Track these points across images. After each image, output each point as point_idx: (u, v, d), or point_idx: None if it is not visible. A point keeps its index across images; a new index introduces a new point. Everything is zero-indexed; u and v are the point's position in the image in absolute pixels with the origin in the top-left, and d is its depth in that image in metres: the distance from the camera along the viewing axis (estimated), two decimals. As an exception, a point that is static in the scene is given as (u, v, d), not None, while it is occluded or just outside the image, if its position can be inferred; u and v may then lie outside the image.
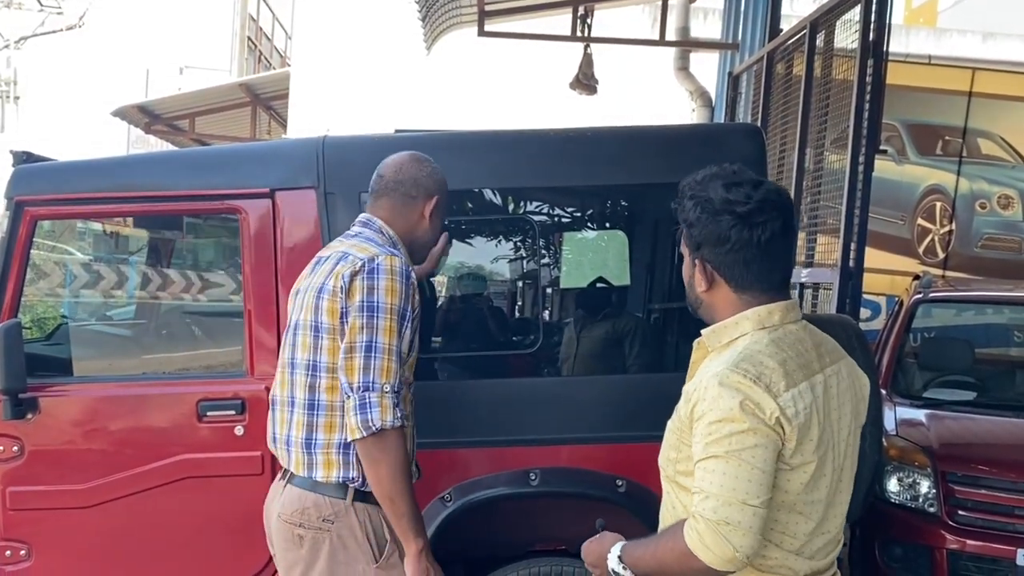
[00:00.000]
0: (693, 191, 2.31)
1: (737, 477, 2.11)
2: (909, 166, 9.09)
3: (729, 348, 2.27)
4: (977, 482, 5.01)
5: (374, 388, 2.76)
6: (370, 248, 2.89)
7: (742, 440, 2.12)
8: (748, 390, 2.14)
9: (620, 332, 4.22)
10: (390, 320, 2.79)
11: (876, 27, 5.15)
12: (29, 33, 24.98)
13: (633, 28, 12.07)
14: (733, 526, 2.10)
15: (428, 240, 3.13)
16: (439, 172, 3.10)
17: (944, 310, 7.13)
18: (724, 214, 2.24)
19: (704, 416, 2.17)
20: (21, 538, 3.86)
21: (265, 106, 15.52)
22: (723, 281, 2.29)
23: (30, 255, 3.92)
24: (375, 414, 2.75)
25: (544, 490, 3.82)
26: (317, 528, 2.87)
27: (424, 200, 3.04)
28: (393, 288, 2.81)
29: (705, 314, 2.38)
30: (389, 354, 2.78)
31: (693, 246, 2.31)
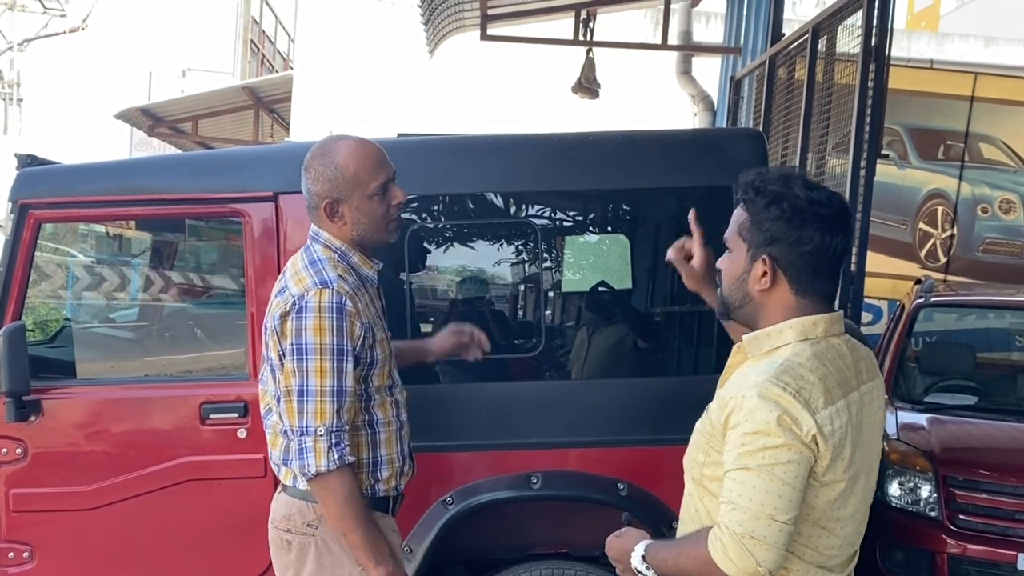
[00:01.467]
0: (771, 186, 2.25)
1: (767, 492, 2.10)
2: (911, 170, 9.09)
3: (768, 357, 2.24)
4: (978, 486, 5.02)
5: (307, 432, 2.75)
6: (305, 279, 2.82)
7: (776, 455, 2.10)
8: (787, 404, 2.12)
9: (622, 336, 4.22)
10: (320, 361, 2.74)
11: (878, 32, 5.16)
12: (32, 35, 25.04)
13: (635, 32, 12.08)
14: (758, 540, 2.09)
15: (367, 234, 2.92)
16: (327, 167, 2.87)
17: (945, 314, 7.13)
18: (809, 215, 2.21)
19: (739, 426, 2.14)
20: (24, 540, 3.87)
21: (268, 109, 15.52)
22: (785, 282, 2.25)
23: (34, 258, 3.93)
24: (310, 460, 2.75)
25: (545, 494, 3.82)
26: (303, 533, 2.91)
27: (319, 208, 2.90)
28: (321, 327, 2.74)
29: (748, 314, 2.32)
30: (321, 396, 2.75)
31: (762, 241, 2.24)
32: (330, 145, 2.93)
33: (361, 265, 2.95)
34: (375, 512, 2.92)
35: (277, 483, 3.08)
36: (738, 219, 2.29)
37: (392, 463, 2.98)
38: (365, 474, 2.93)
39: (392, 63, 12.87)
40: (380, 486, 2.96)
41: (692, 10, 10.70)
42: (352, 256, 2.93)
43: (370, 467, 2.94)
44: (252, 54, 24.74)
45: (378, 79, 13.05)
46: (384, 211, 2.91)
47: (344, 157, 2.87)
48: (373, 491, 2.95)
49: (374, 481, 2.95)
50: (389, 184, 2.92)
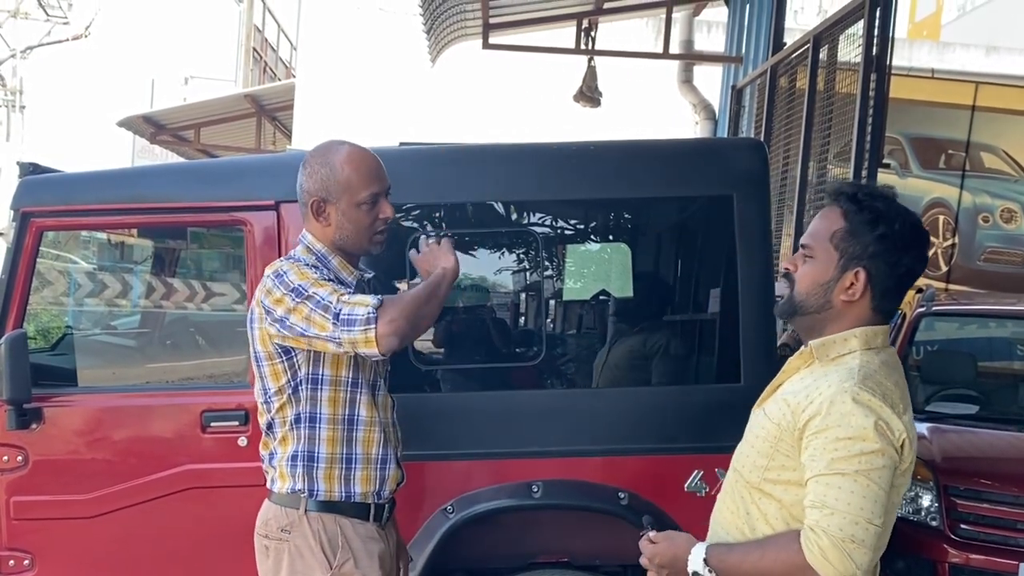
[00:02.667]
0: (877, 203, 2.30)
1: (865, 496, 2.15)
2: (912, 179, 9.10)
3: (836, 363, 2.29)
4: (979, 496, 5.01)
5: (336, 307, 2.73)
6: (276, 262, 2.93)
7: (872, 460, 2.16)
8: (880, 410, 2.18)
9: (628, 346, 4.22)
10: (313, 285, 2.77)
11: (879, 41, 5.17)
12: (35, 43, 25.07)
13: (637, 41, 12.09)
14: (858, 544, 2.14)
15: (349, 239, 2.94)
16: (323, 167, 2.91)
17: (947, 323, 7.13)
18: (911, 241, 2.29)
19: (828, 431, 2.18)
20: (25, 548, 3.87)
21: (270, 117, 15.54)
22: (869, 297, 2.30)
23: (36, 265, 3.94)
24: (359, 313, 2.72)
25: (546, 502, 3.82)
26: (278, 539, 2.91)
27: (307, 205, 2.93)
28: (301, 272, 2.80)
29: (819, 320, 2.34)
30: (332, 292, 2.76)
31: (859, 254, 2.27)
32: (331, 147, 2.96)
33: (340, 269, 2.95)
34: (351, 519, 2.92)
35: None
36: (832, 227, 2.31)
37: (369, 464, 2.94)
38: (337, 472, 2.90)
39: (394, 72, 12.89)
40: (356, 488, 2.92)
41: (694, 19, 10.72)
42: (332, 260, 2.94)
43: (342, 464, 2.90)
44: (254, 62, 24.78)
45: (380, 87, 13.06)
46: (370, 222, 2.92)
47: (340, 160, 2.90)
48: (348, 495, 2.91)
49: (346, 482, 2.90)
50: (380, 197, 2.93)
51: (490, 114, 12.14)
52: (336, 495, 2.89)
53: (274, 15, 27.38)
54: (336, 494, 2.89)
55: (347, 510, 2.91)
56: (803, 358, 2.37)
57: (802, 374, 2.34)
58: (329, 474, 2.89)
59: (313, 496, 2.88)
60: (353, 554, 2.90)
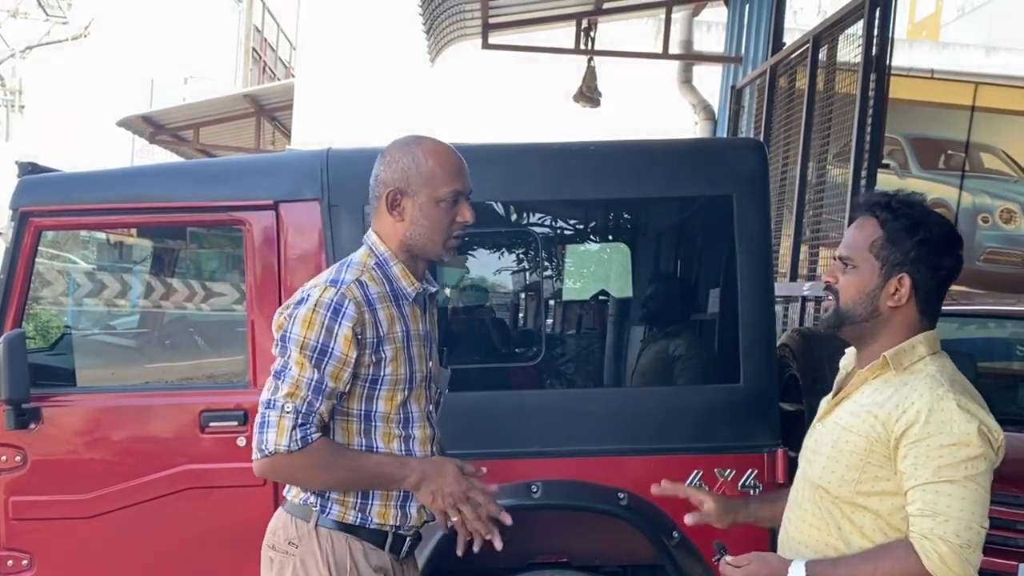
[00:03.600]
0: (911, 210, 2.35)
1: (975, 501, 2.21)
2: (912, 180, 9.10)
3: (910, 371, 2.32)
4: (979, 496, 5.00)
5: (273, 406, 2.53)
6: (322, 277, 2.68)
7: (977, 465, 2.22)
8: (980, 414, 2.25)
9: (627, 346, 4.22)
10: (300, 354, 2.53)
11: (879, 41, 5.17)
12: (34, 43, 25.06)
13: (636, 41, 12.08)
14: (974, 548, 2.20)
15: (420, 240, 2.69)
16: (404, 156, 2.67)
17: (946, 324, 7.10)
18: (949, 244, 2.36)
19: (930, 438, 2.21)
20: (23, 548, 3.87)
21: (269, 117, 15.54)
22: (915, 301, 2.35)
23: (34, 265, 3.94)
24: (269, 435, 2.52)
25: (546, 502, 3.82)
26: (284, 552, 2.69)
27: (383, 197, 2.68)
28: (311, 321, 2.54)
29: (866, 328, 2.38)
30: (298, 381, 2.52)
31: (901, 260, 2.33)
32: (414, 138, 2.74)
33: (400, 278, 2.69)
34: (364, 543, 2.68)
35: (277, 492, 3.06)
36: (870, 236, 2.36)
37: (388, 496, 2.69)
38: (351, 500, 2.67)
39: (393, 71, 12.88)
40: (373, 517, 2.69)
41: (693, 19, 10.70)
42: (393, 267, 2.69)
43: (357, 495, 2.67)
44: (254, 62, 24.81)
45: (379, 87, 13.06)
46: (448, 223, 2.68)
47: (425, 151, 2.68)
48: (364, 520, 2.67)
49: (362, 510, 2.67)
50: (461, 197, 2.69)
51: (489, 114, 12.14)
52: (350, 518, 2.67)
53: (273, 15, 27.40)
54: (350, 517, 2.67)
55: (361, 533, 2.68)
56: (872, 370, 2.37)
57: (875, 385, 2.35)
58: (343, 499, 2.66)
59: (326, 512, 2.65)
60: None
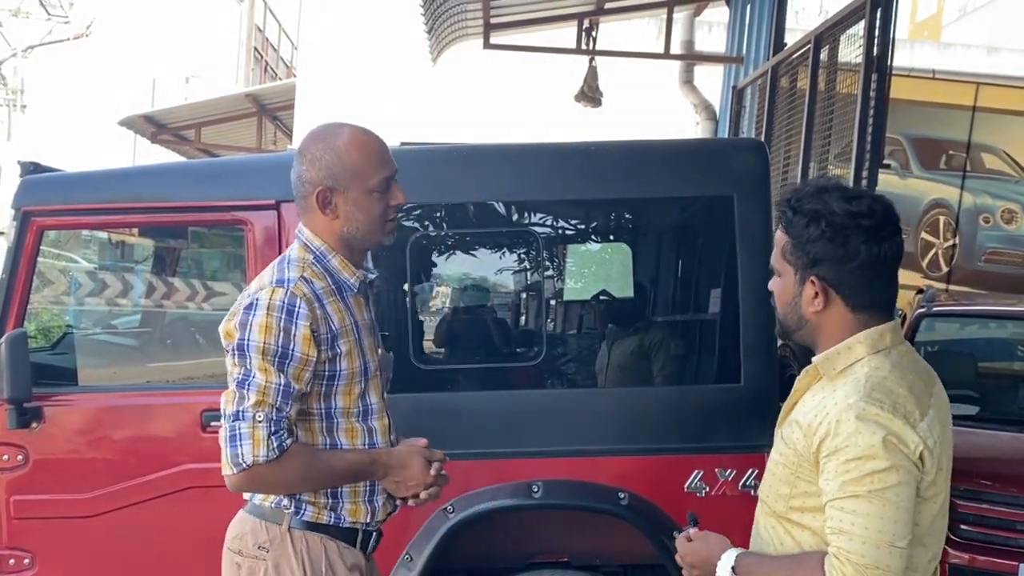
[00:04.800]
0: (807, 205, 2.17)
1: (882, 518, 2.03)
2: (913, 180, 9.10)
3: (845, 376, 2.16)
4: (979, 496, 5.00)
5: (244, 417, 2.46)
6: (265, 277, 2.60)
7: (884, 479, 2.03)
8: (888, 423, 2.05)
9: (628, 346, 4.22)
10: (262, 359, 2.47)
11: (880, 41, 5.17)
12: (36, 42, 25.09)
13: (638, 41, 12.08)
14: (883, 570, 2.02)
15: (359, 232, 2.62)
16: (327, 153, 2.58)
17: (947, 324, 7.13)
18: (851, 229, 2.14)
19: (838, 452, 2.06)
20: (25, 547, 3.88)
21: (271, 116, 15.55)
22: (839, 300, 2.17)
23: (36, 265, 3.94)
24: (245, 448, 2.46)
25: (547, 502, 3.83)
26: (253, 556, 2.64)
27: (312, 195, 2.59)
28: (267, 325, 2.48)
29: (807, 336, 2.25)
30: (265, 388, 2.47)
31: (807, 263, 2.16)
32: (332, 130, 2.64)
33: (341, 270, 2.64)
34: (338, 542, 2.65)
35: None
36: (780, 242, 2.22)
37: (356, 494, 2.67)
38: (323, 500, 2.64)
39: (395, 71, 12.88)
40: (344, 515, 2.66)
41: (695, 19, 10.71)
42: (332, 259, 2.63)
43: (328, 494, 2.64)
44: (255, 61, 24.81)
45: (381, 87, 13.06)
46: (382, 210, 2.63)
47: (347, 144, 2.59)
48: (337, 519, 2.65)
49: (333, 509, 2.65)
50: (391, 182, 2.64)
51: (491, 114, 12.13)
52: (324, 518, 2.64)
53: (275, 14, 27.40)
54: (324, 517, 2.64)
55: (334, 533, 2.65)
56: (810, 376, 2.25)
57: (812, 391, 2.22)
58: (315, 497, 2.63)
59: (300, 514, 2.62)
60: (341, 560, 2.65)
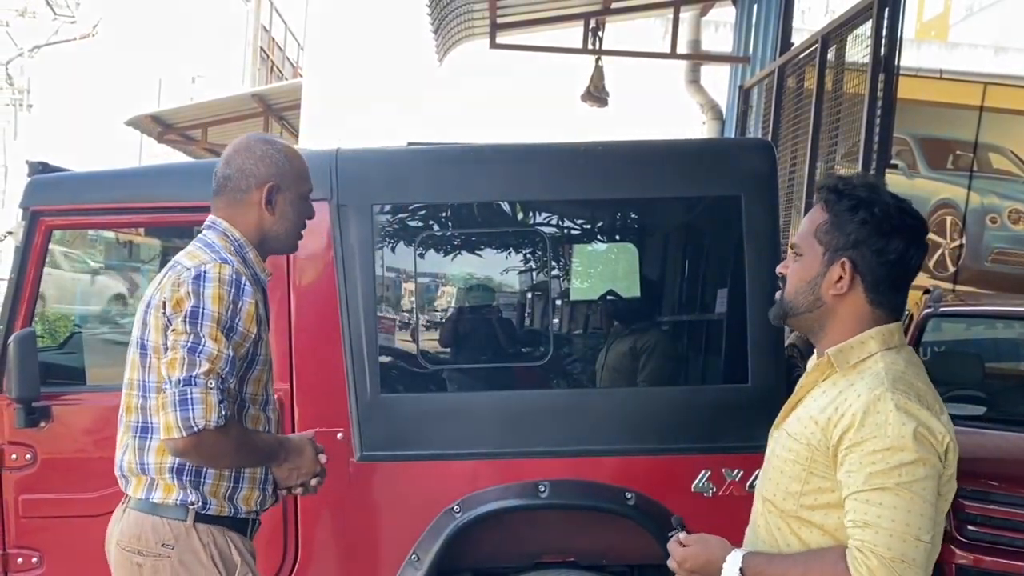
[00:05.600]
0: (858, 191, 2.18)
1: (909, 511, 2.02)
2: (920, 180, 9.09)
3: (859, 371, 2.16)
4: (987, 497, 5.00)
5: (196, 383, 2.49)
6: (200, 255, 2.66)
7: (913, 471, 2.03)
8: (918, 413, 2.05)
9: (635, 346, 4.22)
10: (215, 328, 2.54)
11: (887, 41, 5.16)
12: (43, 42, 25.12)
13: (644, 41, 12.08)
14: (908, 564, 2.00)
15: (283, 233, 2.80)
16: (276, 153, 2.76)
17: (954, 324, 7.12)
18: (898, 224, 2.15)
19: (864, 443, 2.04)
20: (33, 545, 3.89)
21: (277, 116, 15.57)
22: (861, 289, 2.17)
23: (45, 264, 3.95)
24: (197, 411, 2.48)
25: (553, 502, 3.83)
26: (156, 555, 2.65)
27: (256, 189, 2.73)
28: (220, 296, 2.56)
29: (815, 319, 2.23)
30: (216, 356, 2.53)
31: (843, 244, 2.16)
32: (269, 137, 2.88)
33: (255, 263, 2.78)
34: (238, 533, 2.75)
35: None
36: (815, 221, 2.21)
37: (254, 481, 2.77)
38: (224, 489, 2.70)
39: (401, 71, 12.89)
40: (240, 504, 2.74)
41: (701, 19, 10.70)
42: (249, 252, 2.76)
43: (231, 480, 2.71)
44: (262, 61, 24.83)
45: (387, 87, 13.07)
46: (303, 218, 2.85)
47: (290, 152, 2.81)
48: (234, 509, 2.73)
49: (231, 499, 2.72)
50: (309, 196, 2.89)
51: (497, 114, 12.14)
52: (226, 511, 2.71)
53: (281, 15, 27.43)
54: (226, 509, 2.71)
55: (230, 524, 2.73)
56: (820, 370, 2.22)
57: (823, 387, 2.20)
58: (216, 490, 2.69)
59: (205, 508, 2.68)
60: (249, 568, 2.74)
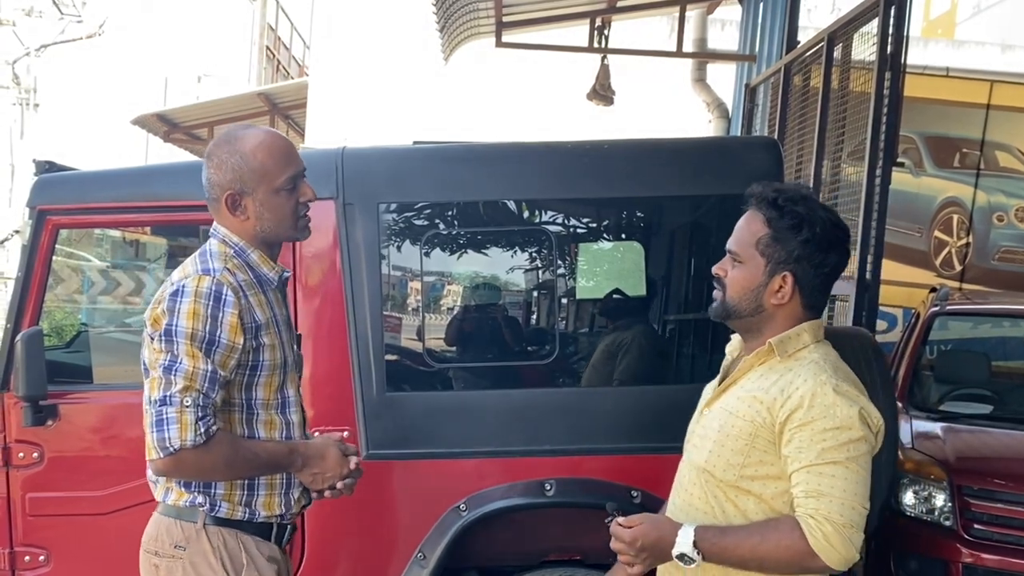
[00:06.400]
0: (796, 207, 2.37)
1: (857, 482, 2.25)
2: (926, 178, 9.07)
3: (796, 359, 2.37)
4: (993, 496, 4.99)
5: (171, 402, 2.47)
6: (188, 267, 2.62)
7: (858, 447, 2.26)
8: (857, 398, 2.29)
9: (641, 344, 4.22)
10: (190, 345, 2.48)
11: (894, 39, 5.14)
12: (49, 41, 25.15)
13: (650, 39, 12.06)
14: (855, 529, 2.23)
15: (272, 229, 2.68)
16: (231, 156, 2.62)
17: (961, 323, 7.11)
18: (834, 240, 2.39)
19: (813, 423, 2.25)
20: (40, 544, 3.90)
21: (283, 115, 15.58)
22: (799, 297, 2.39)
23: (51, 263, 3.96)
24: (172, 432, 2.46)
25: (559, 500, 3.83)
26: (170, 556, 2.65)
27: (223, 198, 2.64)
28: (195, 311, 2.50)
29: (755, 323, 2.43)
30: (192, 374, 2.48)
31: (784, 259, 2.36)
32: (236, 134, 2.68)
33: (261, 264, 2.70)
34: (253, 536, 2.67)
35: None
36: (756, 233, 2.39)
37: (272, 487, 2.69)
38: (239, 495, 2.65)
39: (407, 70, 12.89)
40: (259, 510, 2.68)
41: (707, 17, 10.69)
42: (251, 254, 2.69)
43: (244, 487, 2.65)
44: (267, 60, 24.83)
45: (393, 86, 13.07)
46: (292, 207, 2.68)
47: (251, 147, 2.63)
48: (251, 515, 2.66)
49: (248, 504, 2.66)
50: (299, 179, 2.69)
51: (503, 112, 12.13)
52: (239, 514, 2.65)
53: (287, 13, 27.43)
54: (239, 513, 2.65)
55: (248, 528, 2.67)
56: (758, 356, 2.41)
57: (760, 371, 2.40)
58: (229, 495, 2.64)
59: (214, 511, 2.63)
60: (258, 572, 2.67)
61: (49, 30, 25.13)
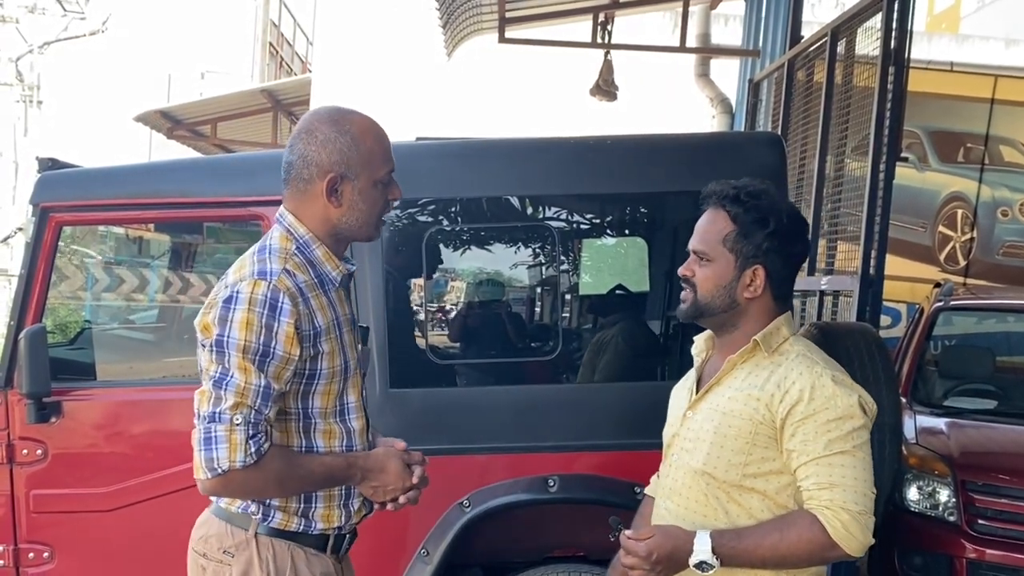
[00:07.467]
0: (760, 200, 2.43)
1: (864, 469, 2.30)
2: (930, 173, 9.06)
3: (782, 353, 2.41)
4: (997, 491, 5.00)
5: (221, 419, 2.34)
6: (245, 268, 2.45)
7: (862, 435, 2.31)
8: (854, 387, 2.35)
9: (645, 339, 4.22)
10: (242, 358, 2.34)
11: (898, 34, 5.13)
12: (52, 38, 25.16)
13: (653, 35, 12.04)
14: (868, 515, 2.27)
15: (355, 224, 2.51)
16: (341, 137, 2.45)
17: (965, 318, 7.10)
18: (798, 231, 2.47)
19: (816, 415, 2.29)
20: (44, 541, 3.90)
21: (286, 112, 15.56)
22: (769, 289, 2.43)
23: (55, 260, 3.96)
24: (221, 452, 2.33)
25: (563, 497, 3.83)
26: (218, 560, 2.52)
27: (319, 180, 2.45)
28: (248, 321, 2.34)
29: (730, 318, 2.46)
30: (244, 389, 2.34)
31: (753, 253, 2.41)
32: (343, 114, 2.51)
33: (325, 262, 2.52)
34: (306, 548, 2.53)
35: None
36: (722, 231, 2.43)
37: (330, 499, 2.55)
38: (294, 505, 2.51)
39: (410, 66, 12.88)
40: (316, 522, 2.54)
41: (711, 12, 10.67)
42: (316, 249, 2.51)
43: (301, 498, 2.51)
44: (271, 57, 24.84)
45: (396, 82, 13.06)
46: (383, 204, 2.53)
47: (361, 130, 2.48)
48: (307, 526, 2.52)
49: (304, 515, 2.52)
50: (392, 175, 2.55)
51: (506, 108, 12.13)
52: (293, 525, 2.51)
53: (290, 10, 27.44)
54: (293, 524, 2.51)
55: (303, 540, 2.53)
56: (743, 354, 2.43)
57: (747, 368, 2.42)
58: (285, 506, 2.51)
59: (267, 520, 2.50)
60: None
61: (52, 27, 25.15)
